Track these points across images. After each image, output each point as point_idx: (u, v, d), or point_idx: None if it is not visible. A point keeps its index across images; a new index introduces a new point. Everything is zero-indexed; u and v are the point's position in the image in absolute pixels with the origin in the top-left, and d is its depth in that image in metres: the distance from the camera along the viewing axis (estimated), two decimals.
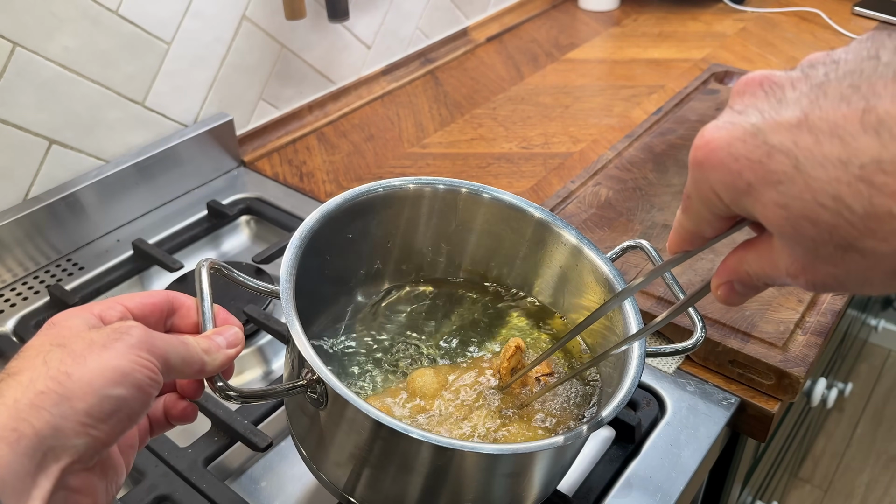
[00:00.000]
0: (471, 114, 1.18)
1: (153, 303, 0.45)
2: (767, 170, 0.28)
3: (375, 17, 1.21)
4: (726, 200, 0.30)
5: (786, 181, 0.27)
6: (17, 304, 0.83)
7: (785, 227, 0.28)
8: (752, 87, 0.30)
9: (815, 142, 0.27)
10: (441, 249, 0.66)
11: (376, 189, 0.60)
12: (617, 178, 0.96)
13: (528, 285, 0.65)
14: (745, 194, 0.29)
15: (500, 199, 0.63)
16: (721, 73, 1.20)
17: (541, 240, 0.62)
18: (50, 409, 0.34)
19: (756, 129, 0.29)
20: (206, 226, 0.95)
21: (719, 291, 0.35)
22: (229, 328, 0.46)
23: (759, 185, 0.28)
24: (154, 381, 0.38)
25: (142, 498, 0.61)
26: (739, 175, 0.29)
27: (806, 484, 1.81)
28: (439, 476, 0.49)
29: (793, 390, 0.69)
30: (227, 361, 0.44)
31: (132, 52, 0.91)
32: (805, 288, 0.30)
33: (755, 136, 0.28)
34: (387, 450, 0.48)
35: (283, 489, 0.64)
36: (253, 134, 1.09)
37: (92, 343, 0.37)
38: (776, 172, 0.28)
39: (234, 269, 0.51)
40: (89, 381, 0.36)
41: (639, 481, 0.64)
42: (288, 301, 0.49)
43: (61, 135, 0.88)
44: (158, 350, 0.39)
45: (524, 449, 0.46)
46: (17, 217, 0.84)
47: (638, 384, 0.71)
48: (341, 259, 0.61)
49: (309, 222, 0.56)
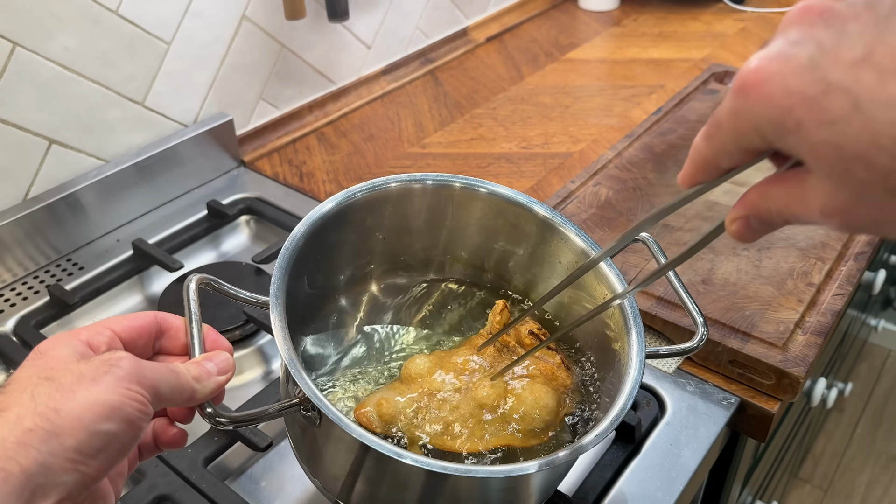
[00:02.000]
0: (471, 114, 1.18)
1: (141, 326, 0.45)
2: (822, 108, 0.26)
3: (375, 17, 1.21)
4: (769, 136, 0.29)
5: (842, 121, 0.26)
6: (17, 304, 0.83)
7: (834, 168, 0.27)
8: (810, 17, 0.28)
9: (878, 81, 0.25)
10: (436, 246, 0.65)
11: (365, 189, 0.59)
12: (617, 178, 0.96)
13: (526, 283, 0.65)
14: (792, 132, 0.27)
15: (497, 194, 0.62)
16: (721, 73, 1.20)
17: (541, 237, 0.62)
18: (38, 446, 0.34)
19: (814, 64, 0.27)
20: (206, 226, 0.95)
21: (734, 226, 0.34)
22: (220, 353, 0.45)
23: (810, 124, 0.27)
24: (144, 414, 0.38)
25: (142, 498, 0.61)
26: (790, 112, 0.27)
27: (806, 484, 1.81)
28: (434, 494, 0.49)
29: (793, 390, 0.69)
30: (218, 388, 0.43)
31: (132, 52, 0.91)
32: (835, 228, 0.29)
33: (812, 72, 0.27)
34: (379, 470, 0.48)
35: (283, 489, 0.64)
36: (253, 134, 1.09)
37: (80, 376, 0.37)
38: (832, 111, 0.26)
39: (223, 283, 0.50)
40: (78, 416, 0.35)
41: (638, 481, 0.64)
42: (278, 317, 0.48)
43: (61, 135, 0.88)
44: (148, 381, 0.38)
45: (518, 471, 0.45)
46: (17, 217, 0.84)
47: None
48: (333, 264, 0.61)
49: (298, 231, 0.55)
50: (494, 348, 0.58)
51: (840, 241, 0.83)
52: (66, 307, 0.82)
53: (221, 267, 0.87)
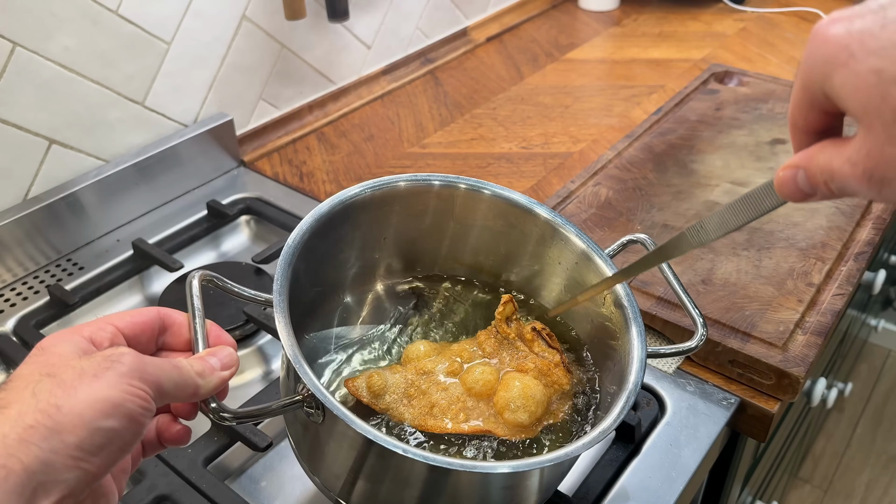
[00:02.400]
0: (471, 114, 1.18)
1: (144, 321, 0.44)
2: (876, 38, 0.29)
3: (375, 17, 1.21)
4: (821, 75, 0.31)
5: (890, 46, 0.29)
6: (17, 304, 0.83)
7: (872, 98, 0.29)
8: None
9: None
10: (439, 247, 0.65)
11: (370, 188, 0.59)
12: (617, 178, 0.96)
13: (528, 283, 0.65)
14: (842, 66, 0.30)
15: (501, 196, 0.62)
16: (721, 73, 1.20)
17: (541, 237, 0.62)
18: (39, 443, 0.33)
19: (880, 7, 0.30)
20: (206, 226, 0.95)
21: (782, 173, 0.35)
22: (223, 349, 0.45)
23: (861, 54, 0.29)
24: (147, 410, 0.37)
25: (142, 498, 0.61)
26: (846, 47, 0.30)
27: (806, 484, 1.81)
28: (436, 491, 0.49)
29: (793, 390, 0.69)
30: (222, 384, 0.43)
31: (132, 52, 0.91)
32: (858, 181, 0.31)
33: (876, 14, 0.30)
34: (382, 466, 0.48)
35: (283, 489, 0.64)
36: (253, 134, 1.09)
37: (82, 372, 0.36)
38: (883, 39, 0.29)
39: (226, 280, 0.50)
40: (80, 413, 0.35)
41: (638, 481, 0.64)
42: (281, 314, 0.48)
43: (61, 135, 0.88)
44: (150, 377, 0.38)
45: (523, 466, 0.45)
46: (17, 217, 0.84)
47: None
48: (336, 262, 0.61)
49: (302, 227, 0.55)
50: (496, 340, 0.58)
51: (840, 241, 0.83)
52: (66, 307, 0.82)
53: (221, 267, 0.87)
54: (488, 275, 0.66)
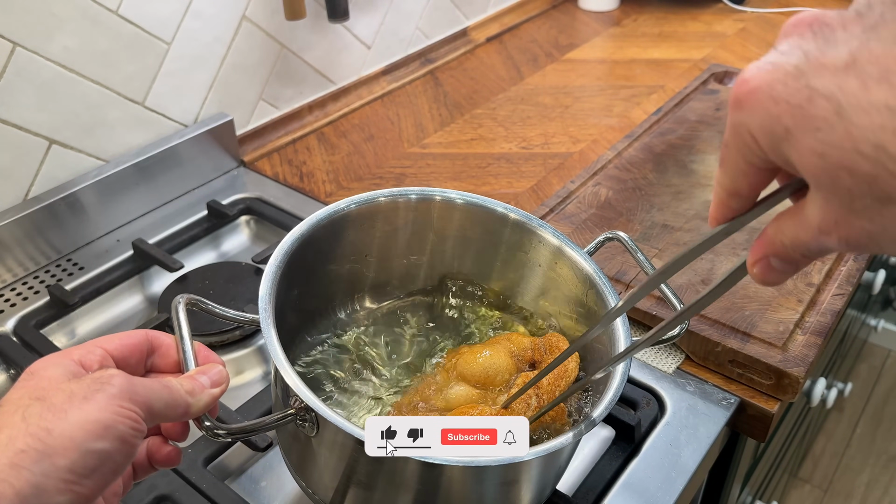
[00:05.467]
0: (471, 114, 1.18)
1: (132, 344, 0.44)
2: (807, 115, 0.26)
3: (375, 17, 1.21)
4: (764, 146, 0.28)
5: (825, 128, 0.26)
6: (17, 304, 0.83)
7: (822, 177, 0.27)
8: (800, 28, 0.28)
9: (861, 86, 0.25)
10: (420, 258, 0.66)
11: (349, 205, 0.60)
12: (617, 178, 0.96)
13: (508, 286, 0.66)
14: (783, 140, 0.27)
15: (474, 203, 0.63)
16: (721, 73, 1.20)
17: (518, 241, 0.63)
18: (30, 467, 0.33)
19: (798, 72, 0.27)
20: (206, 226, 0.95)
21: (755, 269, 0.33)
22: (213, 366, 0.45)
23: (797, 131, 0.27)
24: (138, 432, 0.37)
25: (142, 498, 0.61)
26: (778, 119, 0.27)
27: (806, 484, 1.81)
28: (430, 490, 0.49)
29: (792, 390, 0.69)
30: (212, 402, 0.43)
31: (132, 52, 0.91)
32: (837, 247, 0.29)
33: (797, 79, 0.27)
34: (376, 469, 0.48)
35: (283, 489, 0.64)
36: (253, 134, 1.09)
37: (72, 395, 0.36)
38: (816, 118, 0.26)
39: (209, 303, 0.51)
40: (71, 435, 0.35)
41: (638, 481, 0.64)
42: (269, 330, 0.49)
43: (61, 135, 0.88)
44: (140, 398, 0.38)
45: (515, 458, 0.45)
46: (17, 217, 0.84)
47: (638, 384, 0.72)
48: (320, 278, 0.61)
49: (284, 245, 0.55)
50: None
51: None
52: (66, 307, 0.82)
53: (221, 267, 0.87)
54: (467, 280, 0.67)
